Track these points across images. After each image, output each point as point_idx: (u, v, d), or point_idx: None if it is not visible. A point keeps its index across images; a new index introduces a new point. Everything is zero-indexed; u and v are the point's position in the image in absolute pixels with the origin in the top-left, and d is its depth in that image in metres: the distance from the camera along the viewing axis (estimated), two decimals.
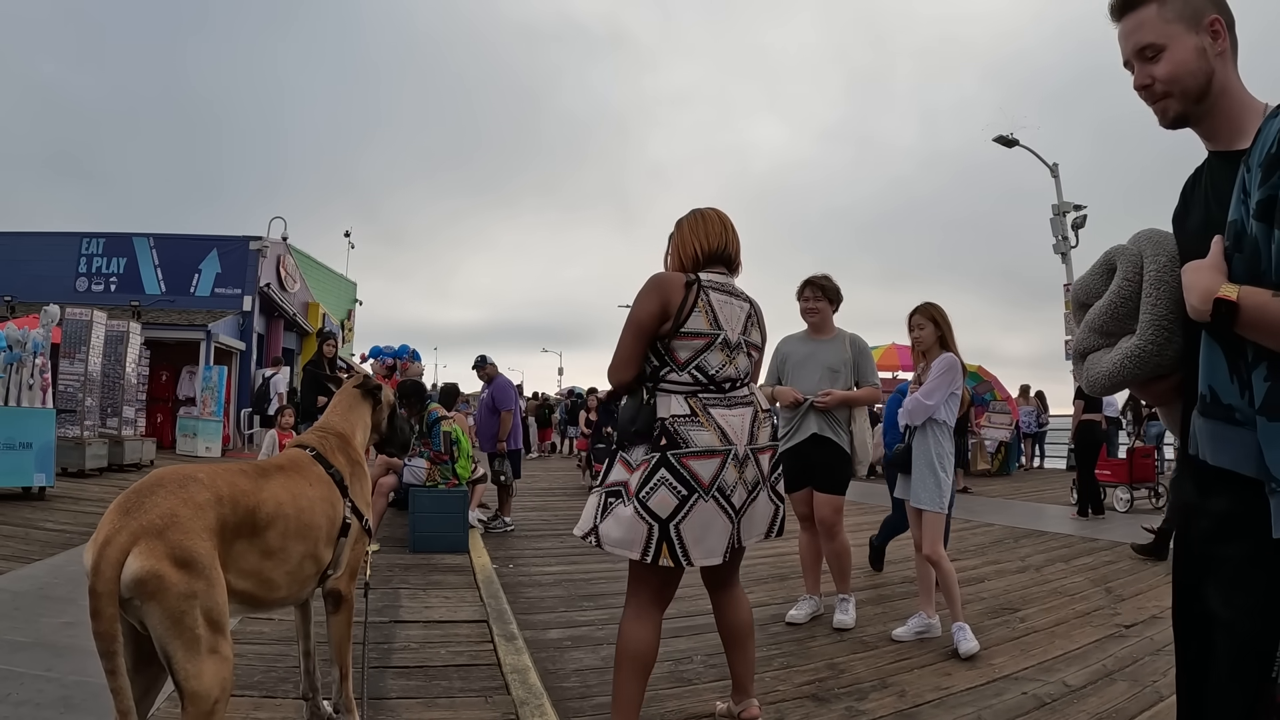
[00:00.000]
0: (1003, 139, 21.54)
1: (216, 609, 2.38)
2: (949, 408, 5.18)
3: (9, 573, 6.01)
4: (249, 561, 2.69)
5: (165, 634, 2.29)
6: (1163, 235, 2.08)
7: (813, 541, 5.72)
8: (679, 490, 3.08)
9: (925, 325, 5.27)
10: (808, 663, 4.67)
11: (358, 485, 3.41)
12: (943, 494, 5.09)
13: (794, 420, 5.60)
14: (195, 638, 2.31)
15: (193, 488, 2.51)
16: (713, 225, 3.53)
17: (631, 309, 3.35)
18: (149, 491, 2.44)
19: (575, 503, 12.64)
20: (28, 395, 10.34)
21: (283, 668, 4.17)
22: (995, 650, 4.90)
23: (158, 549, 2.29)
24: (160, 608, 2.27)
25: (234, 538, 2.61)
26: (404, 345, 11.83)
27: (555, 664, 4.56)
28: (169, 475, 2.55)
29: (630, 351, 3.31)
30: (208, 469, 2.69)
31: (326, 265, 30.76)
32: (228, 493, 2.62)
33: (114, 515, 2.37)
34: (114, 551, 2.26)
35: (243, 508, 2.66)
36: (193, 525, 2.41)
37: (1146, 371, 2.01)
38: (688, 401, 3.21)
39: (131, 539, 2.29)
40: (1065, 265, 21.34)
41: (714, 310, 3.29)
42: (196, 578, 2.34)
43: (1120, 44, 2.04)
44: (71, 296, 19.20)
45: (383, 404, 3.95)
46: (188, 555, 2.34)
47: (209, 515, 2.49)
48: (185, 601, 2.30)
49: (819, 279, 5.68)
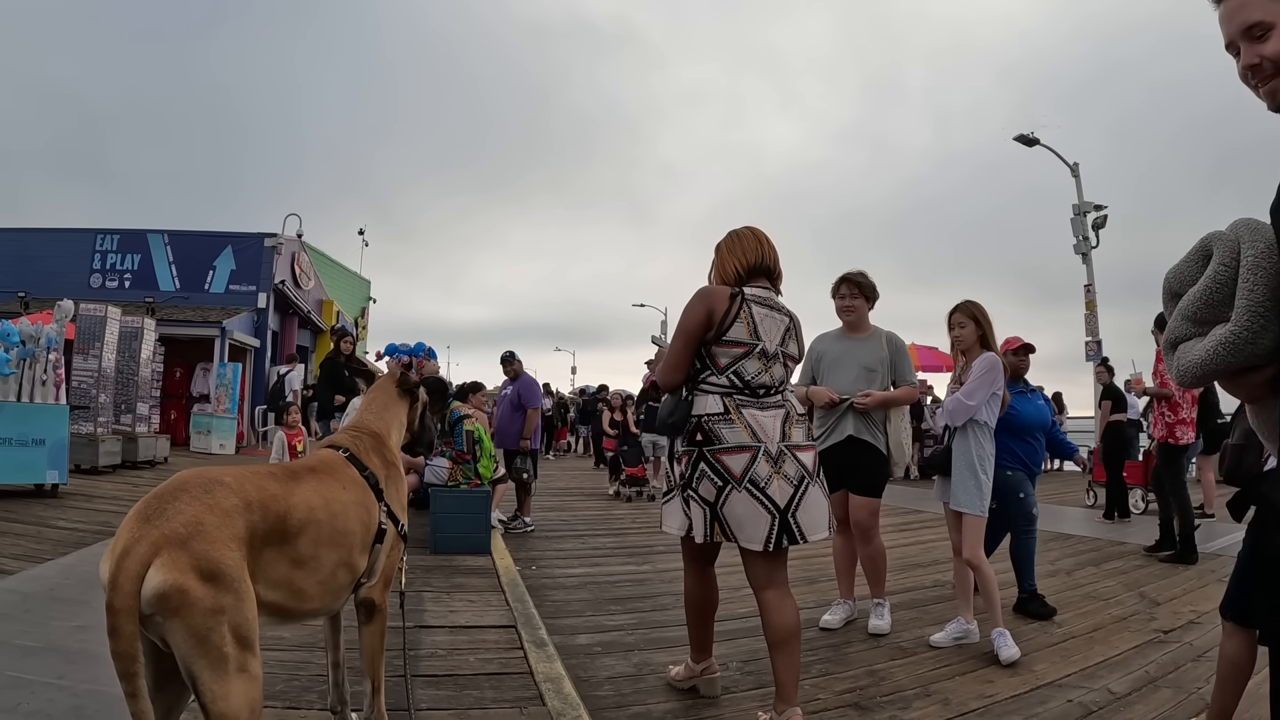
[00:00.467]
0: (1023, 138, 21.35)
1: (245, 624, 2.21)
2: (990, 408, 5.06)
3: (19, 573, 5.89)
4: (279, 571, 2.51)
5: (190, 653, 2.11)
6: (1260, 223, 2.00)
7: (847, 545, 5.58)
8: (716, 482, 3.53)
9: (966, 324, 5.17)
10: (846, 669, 4.55)
11: (393, 488, 3.22)
12: (984, 497, 4.96)
13: (830, 421, 5.47)
14: (223, 656, 2.13)
15: (219, 492, 2.34)
16: (748, 242, 3.87)
17: (680, 318, 3.73)
18: (171, 497, 2.27)
19: (593, 503, 12.54)
20: (41, 391, 10.26)
21: (306, 676, 4.03)
22: (1035, 657, 4.78)
23: (181, 560, 2.12)
24: (184, 625, 2.10)
25: (263, 546, 2.43)
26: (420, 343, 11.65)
27: (587, 671, 4.42)
28: (193, 479, 2.37)
29: (680, 358, 3.70)
30: (234, 472, 2.51)
31: (341, 263, 30.69)
32: (257, 497, 2.44)
33: (133, 523, 2.21)
34: (133, 563, 2.10)
35: (273, 513, 2.48)
36: (219, 534, 2.24)
37: (1240, 359, 1.93)
38: (723, 400, 3.60)
39: (153, 549, 2.12)
40: (1086, 266, 21.07)
41: (755, 322, 3.64)
42: (224, 591, 2.17)
43: (1222, 26, 1.93)
44: (86, 293, 19.12)
45: (419, 402, 3.76)
46: (214, 567, 2.17)
47: (237, 522, 2.32)
48: (212, 618, 2.13)
49: (855, 275, 5.54)
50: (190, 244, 22.33)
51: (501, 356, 10.08)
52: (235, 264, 22.23)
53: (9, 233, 22.48)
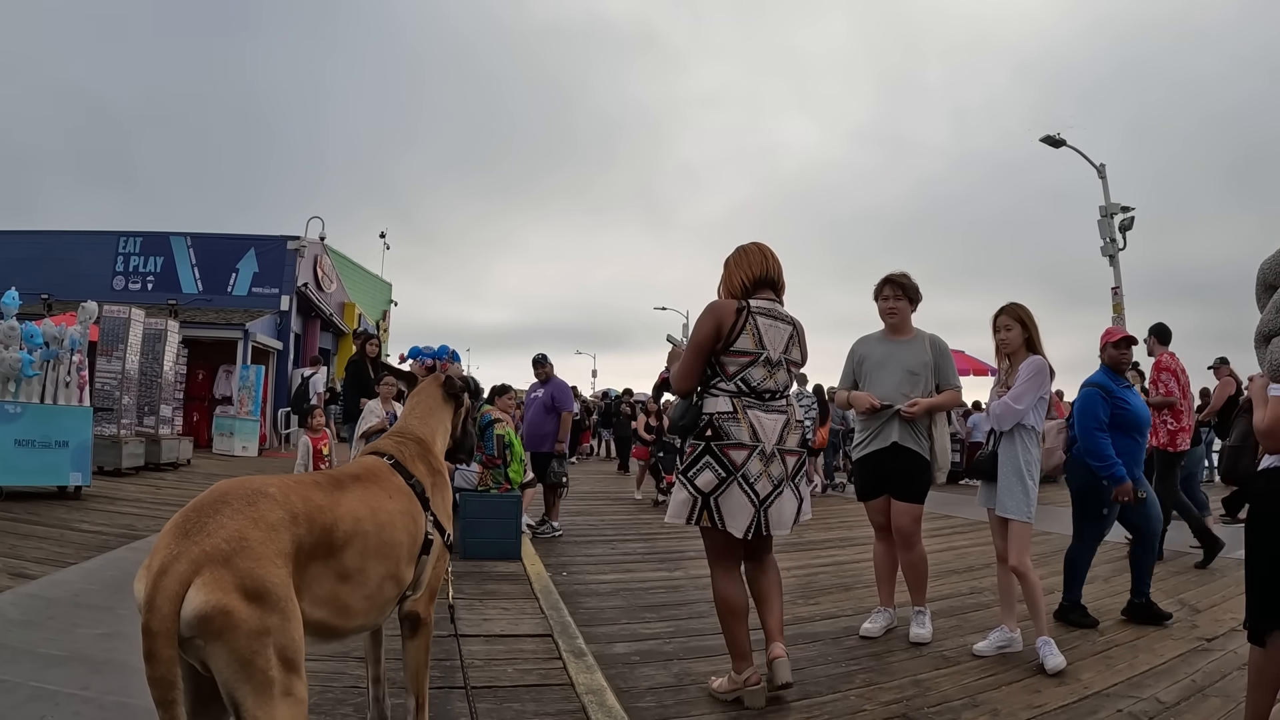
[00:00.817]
0: (1050, 139, 21.05)
1: (292, 646, 2.06)
2: (1037, 412, 4.94)
3: (43, 578, 5.82)
4: (324, 587, 2.36)
5: (233, 678, 1.97)
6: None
7: (888, 552, 5.47)
8: (719, 472, 3.89)
9: (1013, 326, 5.04)
10: (890, 680, 4.44)
11: (439, 497, 3.08)
12: (1030, 503, 4.85)
13: (873, 427, 5.36)
14: (268, 680, 1.98)
15: (263, 505, 2.18)
16: (753, 257, 4.22)
17: (692, 331, 4.14)
18: (212, 510, 2.11)
19: (620, 507, 12.44)
20: (64, 393, 10.21)
21: (340, 688, 3.93)
22: (1080, 665, 4.69)
23: (225, 579, 1.97)
24: (228, 649, 1.95)
25: (309, 560, 2.28)
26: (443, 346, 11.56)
27: (627, 682, 4.32)
28: (235, 490, 2.22)
29: (692, 367, 4.08)
30: (278, 482, 2.36)
31: (362, 266, 30.75)
32: (303, 509, 2.29)
33: (171, 538, 2.04)
34: (172, 583, 1.94)
35: (319, 526, 2.33)
36: (265, 550, 2.08)
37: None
38: (731, 401, 3.98)
39: (193, 568, 1.96)
40: (1113, 268, 20.71)
41: (760, 332, 4.01)
42: (270, 612, 2.02)
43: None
44: (109, 295, 19.19)
45: (464, 407, 3.61)
46: (260, 585, 2.02)
47: (283, 537, 2.17)
48: (257, 640, 1.98)
49: (898, 277, 5.43)
50: (213, 246, 22.38)
51: (534, 359, 10.00)
52: (258, 266, 22.26)
53: (32, 235, 22.60)
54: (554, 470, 9.33)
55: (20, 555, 6.46)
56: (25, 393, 9.70)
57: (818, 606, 6.05)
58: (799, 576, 7.19)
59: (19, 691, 3.63)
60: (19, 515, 8.28)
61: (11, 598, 5.20)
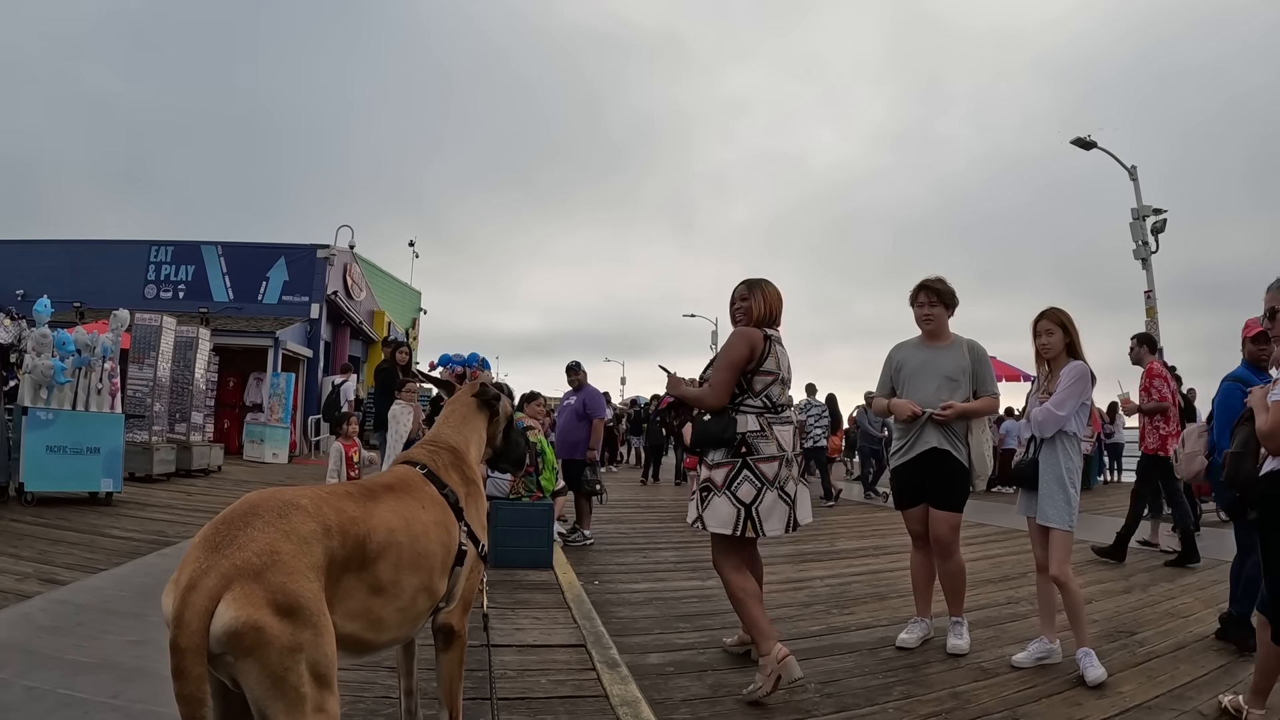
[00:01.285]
0: (1081, 141, 20.84)
1: (324, 661, 1.99)
2: (1079, 419, 4.84)
3: (73, 583, 5.81)
4: (357, 600, 2.30)
5: (265, 695, 1.90)
6: None
7: (926, 561, 5.37)
8: (756, 484, 4.40)
9: (1054, 331, 4.93)
10: (928, 692, 4.34)
11: (473, 507, 3.02)
12: (1072, 511, 4.76)
13: (910, 433, 5.27)
14: (299, 697, 1.92)
15: (295, 517, 2.12)
16: (775, 295, 4.78)
17: (728, 353, 4.56)
18: (243, 522, 2.04)
19: (650, 515, 12.34)
20: (96, 400, 10.29)
21: (371, 698, 3.88)
22: (1121, 677, 4.57)
23: (256, 594, 1.90)
24: (259, 665, 1.89)
25: (341, 573, 2.22)
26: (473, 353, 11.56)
27: (661, 693, 4.24)
28: (265, 501, 2.15)
29: (728, 386, 4.52)
30: (309, 493, 2.30)
31: (391, 274, 30.86)
32: (335, 521, 2.22)
33: (200, 552, 1.98)
34: (201, 598, 1.88)
35: (352, 537, 2.27)
36: (297, 564, 2.02)
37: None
38: (758, 420, 4.49)
39: (223, 582, 1.90)
40: (1146, 271, 20.40)
41: (778, 357, 4.60)
42: (303, 627, 1.95)
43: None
44: (140, 304, 19.32)
45: (500, 415, 3.54)
46: (292, 600, 1.95)
47: (315, 550, 2.10)
48: (289, 657, 1.91)
49: (933, 282, 5.35)
50: (243, 255, 22.58)
51: (567, 366, 9.96)
52: (288, 275, 22.45)
53: (66, 244, 22.90)
54: (587, 479, 9.27)
55: (51, 561, 6.48)
56: (57, 399, 9.78)
57: (853, 616, 5.96)
58: (832, 586, 7.11)
59: (47, 699, 3.60)
60: (50, 521, 8.32)
61: (41, 603, 5.20)
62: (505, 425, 3.60)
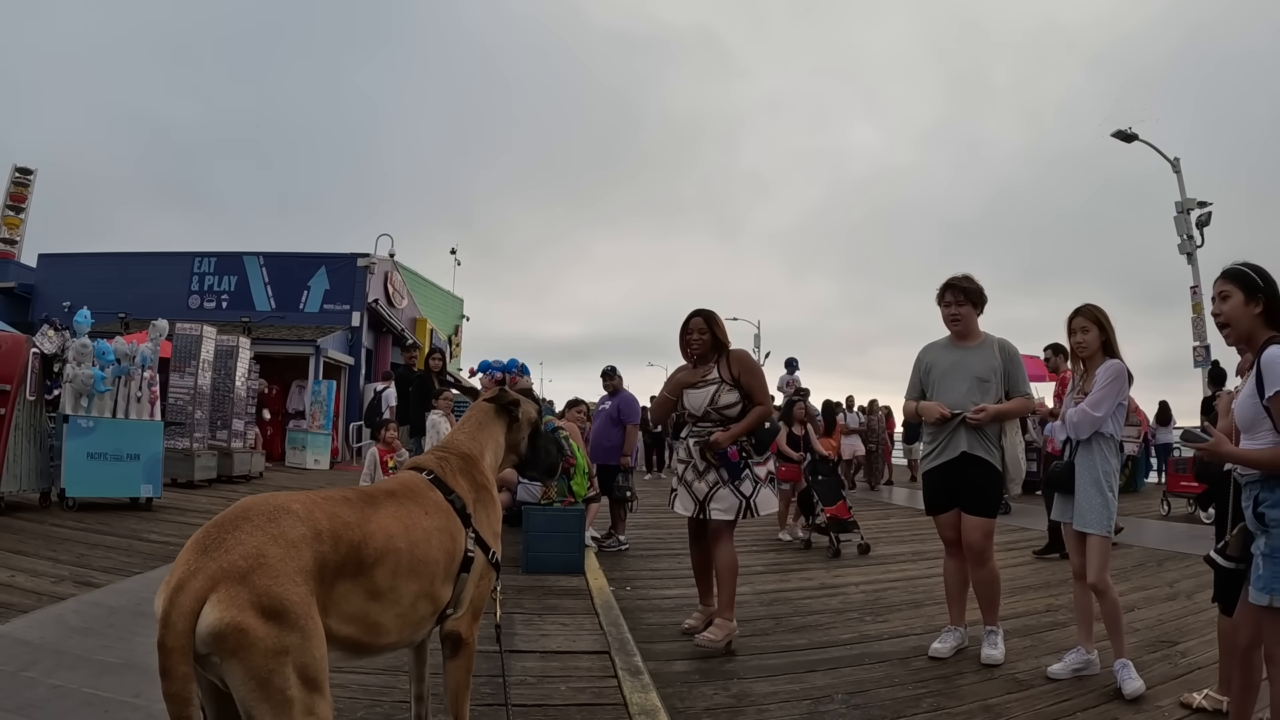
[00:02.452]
0: (1121, 134, 20.47)
1: (312, 665, 2.01)
2: (1116, 420, 4.70)
3: (106, 586, 5.88)
4: (353, 604, 2.30)
5: (250, 696, 1.92)
6: None
7: (959, 568, 5.25)
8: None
9: (1089, 328, 4.77)
10: (960, 704, 4.23)
11: (483, 513, 2.98)
12: (1110, 515, 4.60)
13: (941, 437, 5.16)
14: (286, 700, 1.93)
15: (285, 521, 2.14)
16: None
17: (761, 372, 5.53)
18: (232, 526, 2.08)
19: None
20: (135, 408, 10.46)
21: (389, 702, 3.85)
22: (1160, 690, 4.40)
23: (240, 596, 1.93)
24: (244, 666, 1.91)
25: (335, 578, 2.23)
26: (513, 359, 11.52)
27: (683, 701, 4.19)
28: (257, 506, 2.18)
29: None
30: (304, 497, 2.31)
31: (434, 282, 31.10)
32: (328, 526, 2.23)
33: (189, 554, 2.02)
34: (187, 599, 1.91)
35: (346, 543, 2.27)
36: (283, 567, 2.03)
37: None
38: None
39: (209, 584, 1.93)
40: (1191, 266, 20.00)
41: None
42: (288, 630, 1.97)
43: None
44: (184, 314, 19.62)
45: (521, 421, 3.49)
46: (277, 603, 1.97)
47: (304, 554, 2.11)
48: (274, 659, 1.93)
49: (959, 281, 5.25)
50: (285, 265, 22.86)
51: (602, 371, 9.99)
52: (329, 284, 22.67)
53: (110, 256, 23.30)
54: (619, 485, 9.24)
55: (88, 564, 6.57)
56: (98, 408, 9.97)
57: (886, 624, 5.86)
58: (867, 592, 7.04)
59: (72, 697, 3.65)
60: (90, 525, 8.44)
61: (75, 605, 5.26)
62: (531, 431, 3.54)
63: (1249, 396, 3.32)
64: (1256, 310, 3.35)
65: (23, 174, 25.18)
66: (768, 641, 5.33)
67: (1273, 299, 3.35)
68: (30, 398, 9.21)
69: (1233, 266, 3.46)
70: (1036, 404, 9.29)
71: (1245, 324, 3.38)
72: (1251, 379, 3.30)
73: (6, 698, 3.59)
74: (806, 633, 5.61)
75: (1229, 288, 3.42)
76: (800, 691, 4.34)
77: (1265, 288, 3.35)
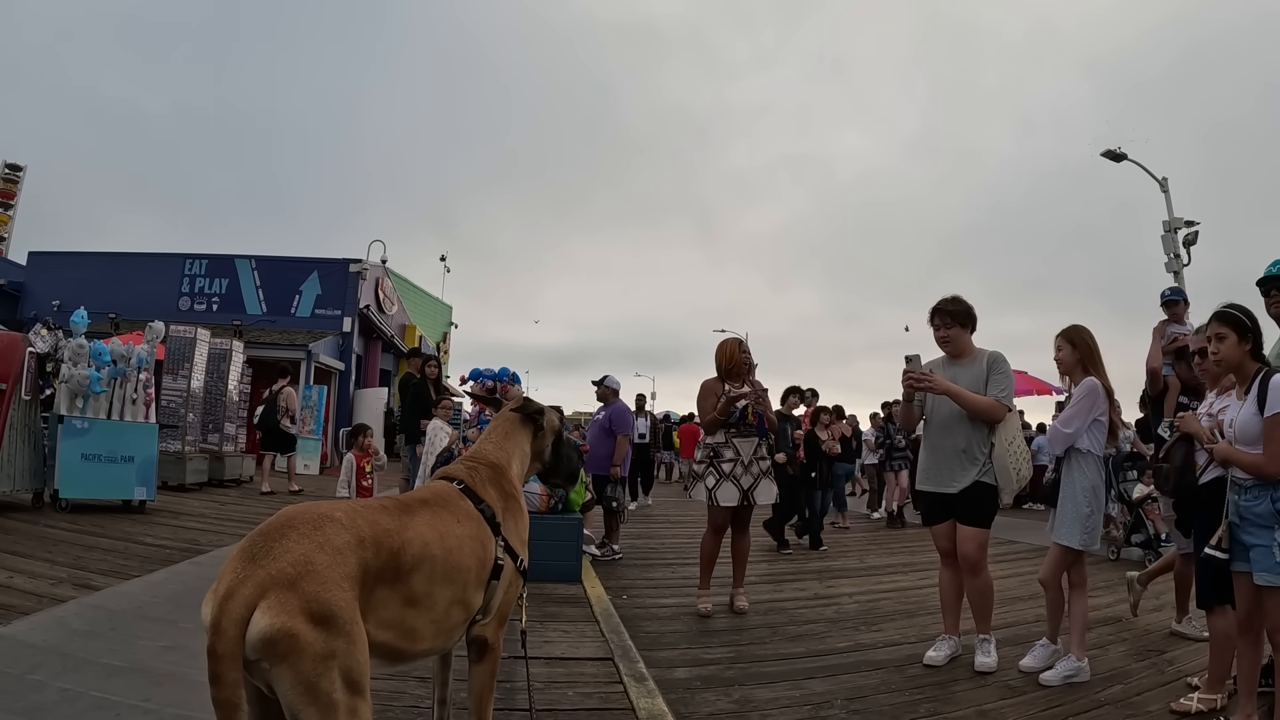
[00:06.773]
0: (1111, 154, 20.75)
1: (357, 669, 2.06)
2: (1093, 435, 4.95)
3: (106, 589, 5.87)
4: (391, 610, 2.35)
5: (298, 700, 1.96)
6: None
7: (954, 578, 5.34)
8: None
9: (1063, 347, 5.18)
10: (955, 710, 4.31)
11: (511, 522, 3.04)
12: (1084, 529, 4.89)
13: (933, 462, 5.34)
14: (332, 704, 1.98)
15: (330, 529, 2.19)
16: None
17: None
18: (278, 535, 2.12)
19: (680, 530, 12.24)
20: (130, 409, 10.46)
21: (400, 707, 3.87)
22: (1149, 697, 4.53)
23: (290, 603, 1.98)
24: (293, 671, 1.95)
25: (375, 584, 2.28)
26: (504, 368, 11.57)
27: (687, 707, 4.23)
28: (301, 515, 2.22)
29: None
30: (345, 506, 2.37)
31: (423, 289, 31.09)
32: (370, 533, 2.29)
33: (237, 563, 2.05)
34: (238, 606, 1.95)
35: (386, 550, 2.33)
36: (331, 573, 2.09)
37: None
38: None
39: (259, 591, 1.97)
40: (1178, 284, 20.07)
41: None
42: (336, 635, 2.02)
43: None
44: (174, 316, 19.64)
45: (545, 430, 3.54)
46: (326, 609, 2.02)
47: (349, 561, 2.17)
48: (322, 664, 1.98)
49: (946, 305, 5.37)
50: (277, 269, 22.86)
51: (593, 381, 9.97)
52: (321, 289, 22.67)
53: (101, 256, 23.21)
54: (609, 495, 9.29)
55: (85, 566, 6.56)
56: (93, 409, 9.96)
57: (880, 633, 5.93)
58: (861, 602, 7.11)
59: (81, 700, 3.65)
60: (84, 527, 8.43)
61: (76, 608, 5.26)
62: (554, 440, 3.59)
63: (1252, 415, 3.75)
64: (1247, 347, 3.88)
65: (12, 170, 25.17)
66: (766, 650, 5.37)
67: (1258, 336, 3.92)
68: (25, 397, 9.21)
69: (1226, 310, 3.94)
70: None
71: (1237, 359, 3.90)
72: (1252, 401, 3.75)
73: (14, 700, 3.60)
74: (803, 641, 5.66)
75: (1225, 329, 3.90)
76: (801, 697, 4.39)
77: (1253, 327, 3.90)
